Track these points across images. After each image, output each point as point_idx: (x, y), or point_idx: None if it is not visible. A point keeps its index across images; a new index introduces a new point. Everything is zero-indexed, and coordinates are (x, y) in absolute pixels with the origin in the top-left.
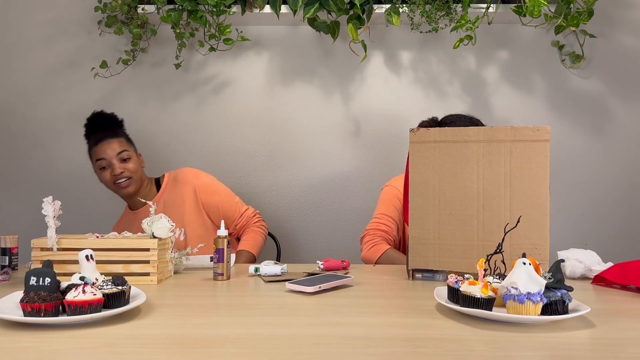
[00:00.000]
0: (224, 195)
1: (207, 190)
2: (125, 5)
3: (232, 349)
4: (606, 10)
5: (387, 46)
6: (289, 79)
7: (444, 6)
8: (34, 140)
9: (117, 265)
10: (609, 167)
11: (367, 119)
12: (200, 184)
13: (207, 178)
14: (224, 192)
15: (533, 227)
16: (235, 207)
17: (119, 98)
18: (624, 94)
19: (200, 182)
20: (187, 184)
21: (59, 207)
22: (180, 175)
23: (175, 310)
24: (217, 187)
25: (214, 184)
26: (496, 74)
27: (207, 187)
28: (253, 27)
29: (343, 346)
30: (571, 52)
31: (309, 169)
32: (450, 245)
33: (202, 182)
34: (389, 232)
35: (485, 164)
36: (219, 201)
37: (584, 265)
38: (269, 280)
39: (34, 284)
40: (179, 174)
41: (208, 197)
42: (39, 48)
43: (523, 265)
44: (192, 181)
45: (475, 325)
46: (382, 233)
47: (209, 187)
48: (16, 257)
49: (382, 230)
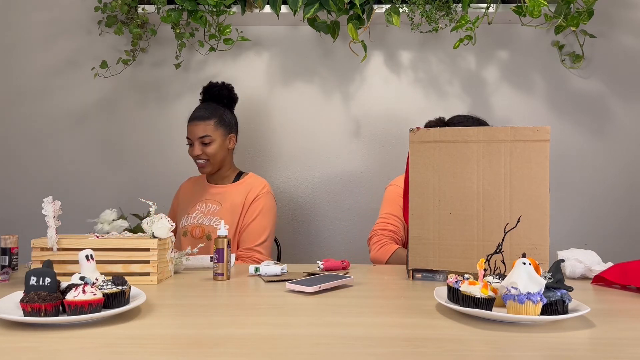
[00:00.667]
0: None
1: (257, 205)
2: (125, 5)
3: (232, 349)
4: (606, 10)
5: (387, 46)
6: (289, 79)
7: (444, 6)
8: (34, 140)
9: (117, 265)
10: (609, 167)
11: (367, 119)
12: (259, 197)
13: (268, 198)
14: (266, 221)
15: (533, 227)
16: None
17: (119, 98)
18: (624, 94)
19: (260, 195)
20: (252, 189)
21: (59, 207)
22: (257, 182)
23: (175, 310)
24: (266, 212)
25: (268, 206)
26: (496, 74)
27: (259, 203)
28: (253, 27)
29: (343, 346)
30: (571, 52)
31: (309, 169)
32: (450, 245)
33: (261, 196)
34: (396, 231)
35: (485, 164)
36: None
37: (584, 265)
38: (269, 280)
39: (34, 284)
40: (255, 179)
41: (251, 210)
42: (39, 48)
43: (523, 265)
44: (256, 189)
45: (475, 325)
46: (390, 233)
47: (259, 205)
48: (16, 257)
49: (389, 230)
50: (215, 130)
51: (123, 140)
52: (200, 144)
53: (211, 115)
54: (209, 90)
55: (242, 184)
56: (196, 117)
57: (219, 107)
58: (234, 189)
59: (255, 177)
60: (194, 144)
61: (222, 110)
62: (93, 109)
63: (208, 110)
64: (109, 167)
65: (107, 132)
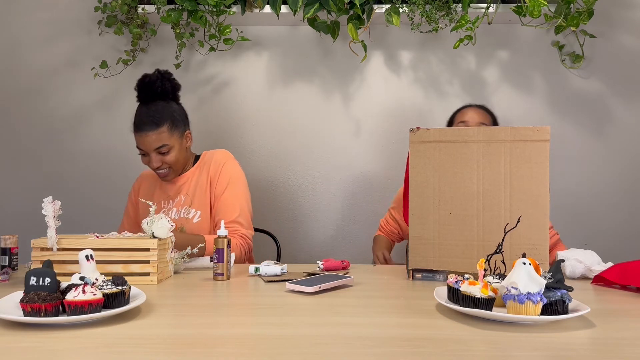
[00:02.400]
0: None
1: (223, 177)
2: (125, 5)
3: (232, 349)
4: (606, 10)
5: (387, 46)
6: (289, 79)
7: (444, 6)
8: (34, 140)
9: (117, 265)
10: (609, 167)
11: (367, 119)
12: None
13: (231, 165)
14: (237, 190)
15: (533, 227)
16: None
17: (119, 98)
18: (624, 94)
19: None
20: (212, 163)
21: (59, 207)
22: (215, 155)
23: (175, 310)
24: (234, 181)
25: (234, 174)
26: (496, 74)
27: (224, 174)
28: (253, 27)
29: (343, 346)
30: (571, 52)
31: (309, 169)
32: (450, 245)
33: (223, 165)
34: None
35: (485, 164)
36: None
37: (584, 265)
38: (269, 280)
39: (34, 284)
40: (212, 153)
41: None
42: (39, 48)
43: (523, 265)
44: (216, 162)
45: (475, 325)
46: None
47: (225, 176)
48: (16, 257)
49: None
50: (171, 136)
51: (123, 140)
52: (157, 154)
53: (162, 121)
54: (148, 86)
55: (199, 163)
56: (145, 126)
57: (166, 106)
58: (194, 172)
59: (211, 152)
60: (149, 154)
61: (170, 109)
62: (93, 109)
63: (156, 114)
64: (109, 167)
65: (107, 132)
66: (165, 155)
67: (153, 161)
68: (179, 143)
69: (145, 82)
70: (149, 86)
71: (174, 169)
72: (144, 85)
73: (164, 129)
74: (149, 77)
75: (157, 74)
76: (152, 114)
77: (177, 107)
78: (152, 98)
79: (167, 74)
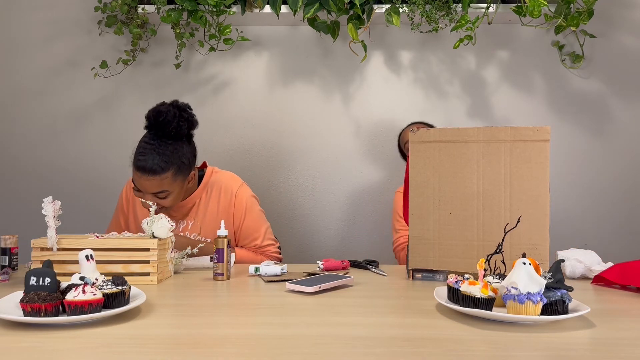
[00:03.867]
0: (253, 218)
1: (238, 207)
2: (125, 5)
3: (232, 349)
4: (606, 10)
5: (387, 46)
6: (289, 79)
7: (444, 6)
8: (34, 140)
9: (117, 265)
10: (609, 167)
11: (367, 119)
12: (235, 197)
13: (242, 192)
14: (254, 215)
15: (533, 227)
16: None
17: (119, 98)
18: (624, 94)
19: (235, 194)
20: (222, 192)
21: (59, 207)
22: (223, 181)
23: (175, 310)
24: (249, 207)
25: (247, 200)
26: (496, 74)
27: (239, 203)
28: (253, 27)
29: (343, 346)
30: (571, 52)
31: (309, 169)
32: (450, 245)
33: (241, 195)
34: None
35: (485, 164)
36: (244, 225)
37: (584, 265)
38: (269, 280)
39: (34, 284)
40: (222, 179)
41: (236, 214)
42: (39, 48)
43: (523, 265)
44: (227, 191)
45: (475, 325)
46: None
47: (240, 204)
48: (16, 257)
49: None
50: (173, 182)
51: (123, 141)
52: (153, 197)
53: (168, 168)
54: (162, 125)
55: (207, 187)
56: (148, 169)
57: (176, 149)
58: (201, 196)
59: (218, 174)
60: (145, 196)
61: (180, 151)
62: (93, 109)
63: (163, 157)
64: (109, 167)
65: (107, 132)
66: (162, 199)
67: (147, 199)
68: (180, 187)
69: (159, 121)
70: (163, 125)
71: (169, 207)
72: (157, 123)
73: (168, 175)
74: (164, 115)
75: (174, 111)
76: (158, 158)
77: (188, 148)
78: (163, 136)
79: (185, 110)
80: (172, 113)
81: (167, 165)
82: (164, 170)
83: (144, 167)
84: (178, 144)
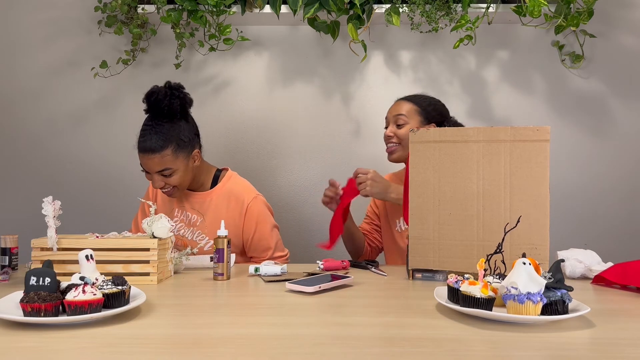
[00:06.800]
0: (265, 230)
1: (250, 217)
2: (125, 5)
3: (232, 349)
4: (606, 10)
5: (387, 46)
6: (289, 79)
7: (444, 6)
8: (34, 140)
9: (117, 265)
10: (609, 167)
11: (367, 119)
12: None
13: (256, 203)
14: (266, 226)
15: (533, 227)
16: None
17: (119, 98)
18: (624, 94)
19: (247, 204)
20: (235, 200)
21: (59, 207)
22: (236, 190)
23: (175, 310)
24: (262, 218)
25: (261, 211)
26: (496, 74)
27: (251, 213)
28: (253, 27)
29: (343, 346)
30: (571, 52)
31: (309, 169)
32: (450, 245)
33: (253, 208)
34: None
35: (485, 164)
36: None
37: (584, 265)
38: (269, 280)
39: (34, 284)
40: (234, 185)
41: (247, 225)
42: (39, 48)
43: (523, 265)
44: (240, 200)
45: (475, 325)
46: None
47: (252, 215)
48: (16, 257)
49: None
50: (175, 159)
51: (123, 141)
52: (160, 176)
53: (166, 145)
54: (155, 104)
55: (222, 190)
56: (148, 149)
57: (173, 127)
58: (214, 197)
59: (234, 181)
60: (152, 176)
61: (177, 129)
62: (93, 109)
63: (160, 136)
64: (109, 167)
65: (107, 132)
66: (168, 177)
67: (155, 181)
68: (184, 165)
69: (152, 100)
70: (156, 104)
71: (179, 188)
72: (150, 103)
73: (168, 152)
74: (157, 94)
75: (165, 90)
76: (155, 136)
77: (186, 126)
78: (158, 116)
79: (177, 89)
80: (164, 92)
81: (165, 143)
82: (163, 148)
83: (144, 147)
84: (174, 122)
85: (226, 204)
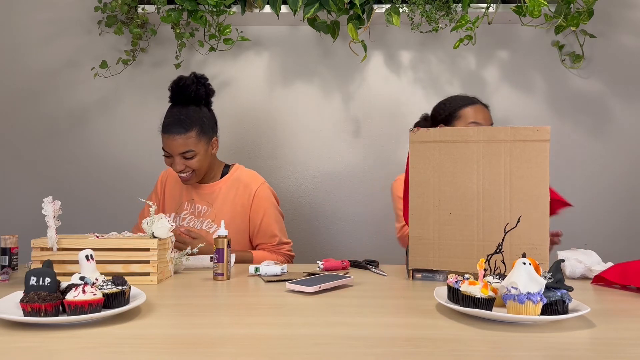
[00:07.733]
0: (271, 217)
1: (257, 203)
2: (125, 5)
3: (232, 349)
4: (606, 10)
5: (387, 46)
6: (289, 79)
7: (444, 6)
8: (34, 140)
9: (117, 265)
10: (609, 167)
11: (367, 119)
12: (254, 193)
13: (262, 190)
14: (272, 214)
15: (533, 227)
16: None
17: (119, 98)
18: (624, 94)
19: (255, 191)
20: (243, 186)
21: (59, 207)
22: (245, 177)
23: (175, 310)
24: (268, 205)
25: (267, 198)
26: (496, 74)
27: (258, 200)
28: (253, 27)
29: (343, 346)
30: (571, 52)
31: (309, 169)
32: (450, 245)
33: (261, 194)
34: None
35: (485, 164)
36: (262, 223)
37: (584, 265)
38: (269, 280)
39: (34, 284)
40: (242, 173)
41: (253, 211)
42: (39, 48)
43: (523, 265)
44: (248, 186)
45: (475, 325)
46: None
47: (260, 201)
48: (16, 257)
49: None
50: (198, 142)
51: (123, 141)
52: (181, 158)
53: (191, 126)
54: (182, 89)
55: (230, 179)
56: (174, 130)
57: (197, 111)
58: (222, 186)
59: (242, 170)
60: (173, 157)
61: (201, 115)
62: (93, 109)
63: (187, 119)
64: (109, 166)
65: (107, 132)
66: (189, 160)
67: (176, 164)
68: (204, 149)
69: (180, 85)
70: (183, 89)
71: (196, 174)
72: (178, 88)
73: (192, 134)
74: (184, 80)
75: (192, 77)
76: (182, 118)
77: (208, 113)
78: (184, 101)
79: (203, 78)
80: (190, 79)
81: (191, 124)
82: (188, 129)
83: (170, 129)
84: (198, 108)
85: (234, 190)
